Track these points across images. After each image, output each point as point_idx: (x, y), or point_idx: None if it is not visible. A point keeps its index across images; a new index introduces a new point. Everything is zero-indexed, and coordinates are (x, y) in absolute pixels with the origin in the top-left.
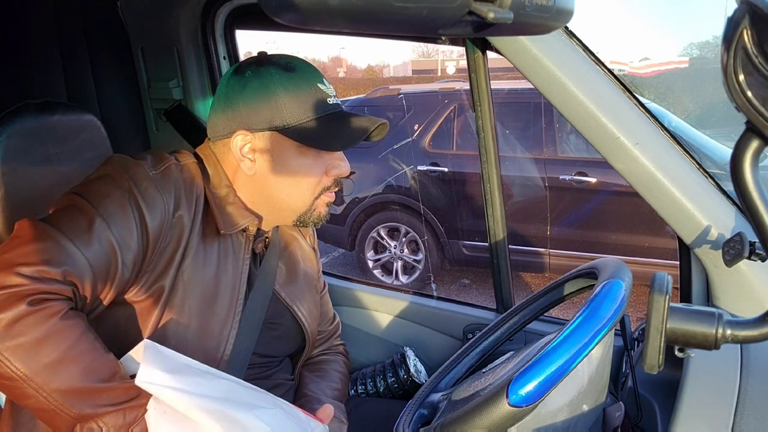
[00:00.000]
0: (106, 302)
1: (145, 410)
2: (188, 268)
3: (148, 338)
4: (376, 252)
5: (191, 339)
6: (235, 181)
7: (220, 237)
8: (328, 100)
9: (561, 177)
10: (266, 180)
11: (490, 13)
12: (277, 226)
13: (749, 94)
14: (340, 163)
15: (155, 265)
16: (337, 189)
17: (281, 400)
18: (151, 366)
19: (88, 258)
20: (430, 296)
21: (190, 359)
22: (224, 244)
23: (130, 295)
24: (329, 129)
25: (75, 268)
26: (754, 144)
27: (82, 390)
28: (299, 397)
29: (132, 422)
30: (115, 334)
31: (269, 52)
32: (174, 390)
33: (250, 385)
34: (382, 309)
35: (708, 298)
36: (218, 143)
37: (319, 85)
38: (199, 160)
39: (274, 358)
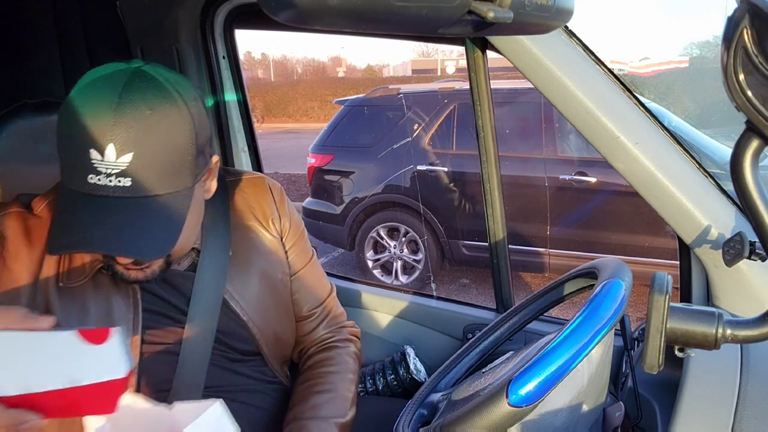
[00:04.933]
0: None
1: None
2: None
3: None
4: (376, 252)
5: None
6: None
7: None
8: (89, 177)
9: (561, 177)
10: None
11: (490, 13)
12: (222, 225)
13: (749, 93)
14: None
15: None
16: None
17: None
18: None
19: None
20: (430, 296)
21: None
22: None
23: None
24: (60, 213)
25: None
26: (754, 144)
27: None
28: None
29: None
30: None
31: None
32: None
33: None
34: (382, 309)
35: (708, 298)
36: None
37: (92, 151)
38: None
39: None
